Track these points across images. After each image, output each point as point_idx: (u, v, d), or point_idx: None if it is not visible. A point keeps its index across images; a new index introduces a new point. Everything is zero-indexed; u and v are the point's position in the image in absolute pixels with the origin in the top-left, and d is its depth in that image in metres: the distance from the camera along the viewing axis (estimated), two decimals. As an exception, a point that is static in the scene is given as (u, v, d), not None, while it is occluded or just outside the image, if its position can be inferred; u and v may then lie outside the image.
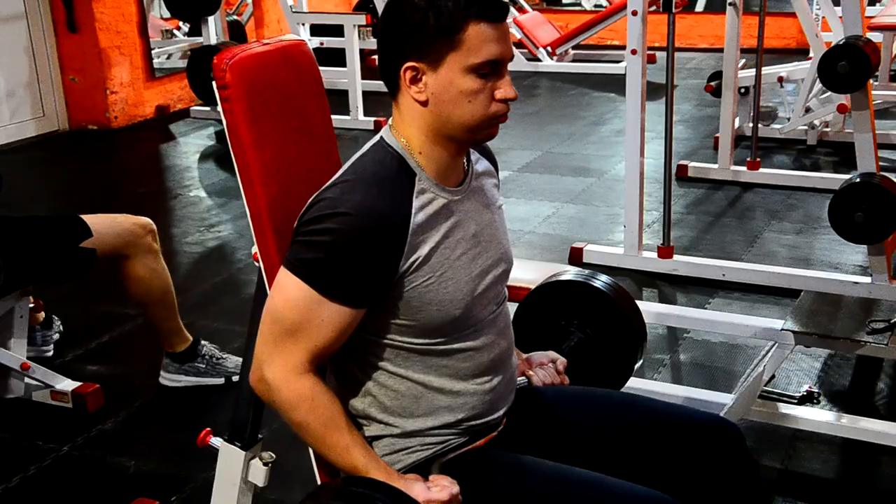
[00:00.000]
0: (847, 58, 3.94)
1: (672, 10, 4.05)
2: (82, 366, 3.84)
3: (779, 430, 3.19)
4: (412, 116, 1.84)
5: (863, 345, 3.20)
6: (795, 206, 5.38)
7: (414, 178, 1.84)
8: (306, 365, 1.81)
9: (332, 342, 1.82)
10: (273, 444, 2.35)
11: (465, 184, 1.93)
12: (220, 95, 1.94)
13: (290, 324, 1.79)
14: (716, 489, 1.97)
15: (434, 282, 1.83)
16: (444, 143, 1.85)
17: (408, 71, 1.80)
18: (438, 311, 1.85)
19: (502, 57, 1.80)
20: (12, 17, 7.03)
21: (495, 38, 1.78)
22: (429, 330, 1.87)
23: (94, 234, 3.38)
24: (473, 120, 1.81)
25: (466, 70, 1.77)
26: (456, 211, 1.88)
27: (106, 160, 6.91)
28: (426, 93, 1.80)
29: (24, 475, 3.17)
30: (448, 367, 1.91)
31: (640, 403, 2.10)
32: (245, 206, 1.98)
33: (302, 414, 1.82)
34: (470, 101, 1.79)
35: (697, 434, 2.00)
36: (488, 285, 1.94)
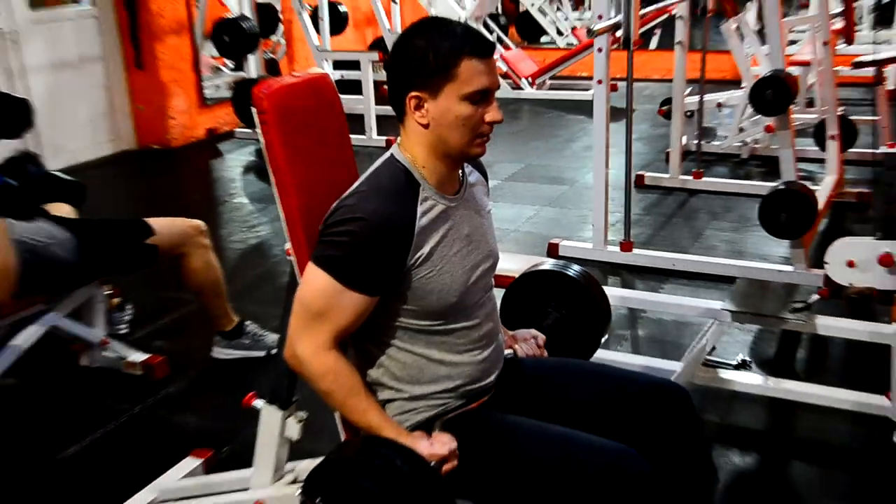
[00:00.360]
0: (772, 87, 3.95)
1: (630, 48, 4.05)
2: (150, 341, 3.84)
3: (718, 391, 3.20)
4: (416, 137, 1.85)
5: (786, 321, 3.21)
6: (732, 209, 5.38)
7: (419, 188, 1.85)
8: (330, 343, 1.82)
9: (352, 324, 1.83)
10: (305, 405, 2.35)
11: (460, 193, 1.94)
12: (258, 119, 1.95)
13: (316, 309, 1.80)
14: (668, 440, 1.97)
15: (434, 274, 1.84)
16: (442, 159, 1.87)
17: (412, 99, 1.81)
18: (438, 298, 1.86)
19: (490, 87, 1.81)
20: (92, 58, 7.05)
21: (485, 71, 1.79)
22: (430, 313, 1.88)
23: (156, 234, 3.40)
24: (465, 139, 1.83)
25: (461, 98, 1.78)
26: (452, 215, 1.89)
27: (166, 173, 6.91)
28: (428, 117, 1.81)
29: (105, 430, 3.20)
30: (446, 342, 1.92)
31: (606, 371, 2.11)
32: (280, 210, 1.99)
33: (327, 383, 1.83)
34: (464, 124, 1.80)
35: (653, 395, 2.01)
36: (478, 277, 1.95)
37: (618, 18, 4.05)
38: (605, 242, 4.53)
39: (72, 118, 6.90)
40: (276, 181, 1.97)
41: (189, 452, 2.87)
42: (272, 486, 2.31)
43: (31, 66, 6.50)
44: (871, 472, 2.83)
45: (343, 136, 2.20)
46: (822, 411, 3.06)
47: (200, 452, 2.87)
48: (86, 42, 6.99)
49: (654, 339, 3.78)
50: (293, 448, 2.35)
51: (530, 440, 1.85)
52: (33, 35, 6.53)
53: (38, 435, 3.20)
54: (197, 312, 3.95)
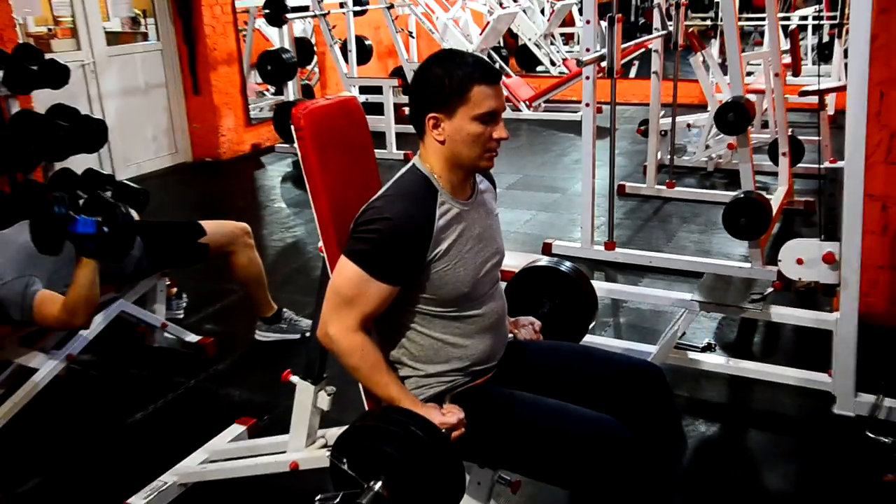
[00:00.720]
0: (734, 111, 3.94)
1: (613, 77, 4.04)
2: (201, 325, 3.84)
3: (688, 370, 3.19)
4: (433, 151, 1.85)
5: (745, 310, 3.20)
6: (699, 214, 5.34)
7: (437, 194, 1.84)
8: (358, 325, 1.81)
9: (376, 309, 1.82)
10: (335, 381, 2.35)
11: (472, 198, 1.94)
12: (296, 135, 1.95)
13: (347, 296, 1.80)
14: (645, 411, 1.96)
15: (450, 268, 1.84)
16: (456, 170, 1.87)
17: (430, 119, 1.82)
18: (453, 288, 1.85)
19: (497, 109, 1.81)
20: (157, 85, 7.07)
21: (493, 95, 1.80)
22: (445, 301, 1.87)
23: (207, 234, 3.40)
24: (476, 153, 1.83)
25: (472, 118, 1.79)
26: (466, 217, 1.89)
27: (217, 182, 6.91)
28: (444, 135, 1.82)
29: (165, 399, 3.21)
30: (459, 328, 1.91)
31: (593, 353, 2.09)
32: (314, 212, 1.98)
33: (355, 360, 1.82)
34: (474, 140, 1.80)
35: (632, 374, 2.00)
36: (487, 270, 1.94)
37: (603, 51, 4.04)
38: (591, 242, 4.50)
39: (139, 135, 6.91)
40: (311, 188, 1.96)
41: (235, 420, 2.87)
42: (305, 450, 2.31)
43: (107, 92, 6.52)
44: (814, 437, 2.82)
45: (368, 149, 2.19)
46: (774, 386, 3.06)
47: (245, 420, 2.86)
48: (152, 72, 7.00)
49: (633, 325, 3.76)
50: (324, 417, 2.35)
51: (528, 411, 1.84)
52: (109, 66, 6.55)
53: (109, 404, 3.21)
54: (241, 301, 3.96)
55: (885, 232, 3.48)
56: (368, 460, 1.72)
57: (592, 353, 2.08)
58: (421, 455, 1.69)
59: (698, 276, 3.79)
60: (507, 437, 1.82)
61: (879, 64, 3.26)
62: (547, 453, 1.78)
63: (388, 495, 1.69)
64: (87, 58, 6.34)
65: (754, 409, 3.04)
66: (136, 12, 7.05)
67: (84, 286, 2.74)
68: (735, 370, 3.13)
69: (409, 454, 1.69)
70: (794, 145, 5.36)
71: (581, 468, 1.75)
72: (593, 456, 1.74)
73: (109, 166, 6.46)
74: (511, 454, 1.84)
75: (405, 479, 1.69)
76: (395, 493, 1.70)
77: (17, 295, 2.79)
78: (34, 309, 2.79)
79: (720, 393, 3.14)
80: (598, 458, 1.73)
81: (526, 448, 1.80)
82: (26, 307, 2.79)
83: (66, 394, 3.22)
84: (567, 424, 1.79)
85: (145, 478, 2.57)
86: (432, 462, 1.69)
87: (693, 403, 3.05)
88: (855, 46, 2.62)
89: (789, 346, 3.53)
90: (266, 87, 8.49)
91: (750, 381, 3.11)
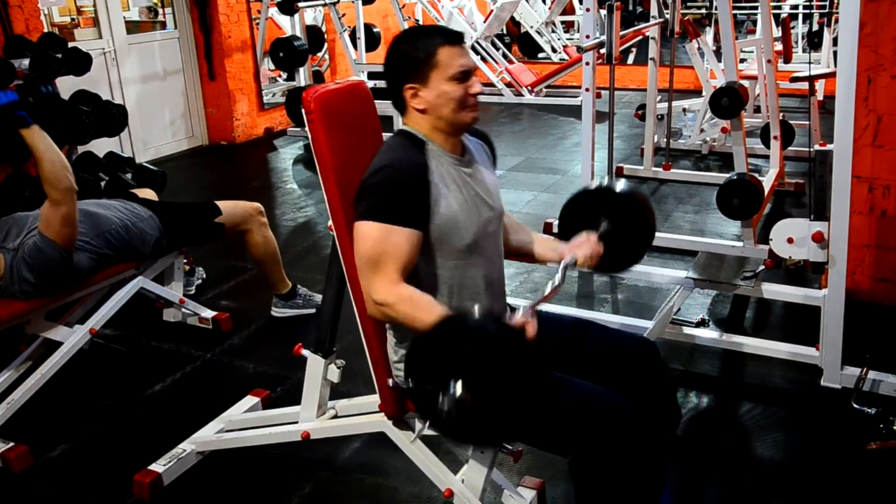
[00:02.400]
0: (728, 96, 3.90)
1: (612, 63, 4.00)
2: (218, 301, 3.85)
3: (682, 344, 3.19)
4: (416, 121, 1.89)
5: (737, 287, 3.19)
6: (694, 195, 5.32)
7: (424, 145, 1.87)
8: (398, 278, 1.78)
9: (408, 259, 1.79)
10: (344, 354, 2.35)
11: (465, 155, 1.94)
12: (307, 118, 1.94)
13: (376, 255, 1.78)
14: (642, 383, 1.97)
15: (451, 215, 1.84)
16: (441, 133, 1.89)
17: (408, 90, 1.85)
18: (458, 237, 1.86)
19: (468, 66, 1.84)
20: (174, 71, 7.04)
21: (460, 54, 1.83)
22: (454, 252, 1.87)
23: (223, 214, 3.39)
24: (459, 113, 1.85)
25: (447, 79, 1.81)
26: (460, 171, 1.90)
27: (232, 165, 6.90)
28: (424, 102, 1.84)
29: (184, 371, 3.22)
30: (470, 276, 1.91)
31: (592, 327, 2.08)
32: (324, 193, 1.97)
33: (407, 309, 1.77)
34: (454, 99, 1.83)
35: (629, 349, 2.00)
36: (488, 224, 1.94)
37: (602, 38, 4.01)
38: (589, 222, 4.48)
39: (157, 120, 6.90)
40: (321, 169, 1.95)
41: (249, 392, 2.88)
42: (316, 420, 2.32)
43: (127, 78, 6.50)
44: (803, 408, 2.83)
45: (376, 132, 2.18)
46: (764, 360, 3.06)
47: (259, 392, 2.88)
48: (169, 59, 6.98)
49: (630, 301, 3.75)
50: (333, 389, 2.35)
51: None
52: (129, 54, 6.53)
53: (130, 376, 3.22)
54: (255, 278, 3.96)
55: (872, 212, 3.47)
56: (444, 367, 1.54)
57: (592, 328, 2.07)
58: (499, 350, 1.54)
59: (693, 254, 3.78)
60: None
61: (867, 51, 3.24)
62: (548, 423, 1.77)
63: (470, 400, 1.51)
64: (108, 46, 6.32)
65: (746, 381, 3.04)
66: (154, 2, 7.02)
67: (45, 150, 2.72)
68: (728, 344, 3.13)
69: (487, 350, 1.54)
70: (785, 129, 5.33)
71: (580, 438, 1.75)
72: (592, 426, 1.74)
73: (129, 149, 6.46)
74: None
75: (485, 379, 1.51)
76: (476, 396, 1.51)
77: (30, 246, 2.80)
78: (40, 229, 2.79)
79: (713, 366, 3.13)
80: (597, 429, 1.73)
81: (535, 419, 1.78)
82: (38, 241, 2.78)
83: (89, 366, 3.23)
84: (569, 396, 1.79)
85: (165, 446, 2.58)
86: (512, 357, 1.54)
87: (687, 376, 3.05)
88: (844, 34, 2.59)
89: (779, 322, 3.52)
90: (278, 73, 8.46)
91: (742, 354, 3.11)
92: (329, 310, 2.25)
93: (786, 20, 6.93)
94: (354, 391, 2.48)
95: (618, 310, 3.66)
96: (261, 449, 2.55)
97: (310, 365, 2.29)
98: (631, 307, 3.67)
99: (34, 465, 2.64)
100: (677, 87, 5.84)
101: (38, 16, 5.13)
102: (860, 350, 2.86)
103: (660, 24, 5.23)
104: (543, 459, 2.42)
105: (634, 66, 9.61)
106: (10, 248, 2.84)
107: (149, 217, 3.24)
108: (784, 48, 6.26)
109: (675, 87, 5.75)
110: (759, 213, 4.01)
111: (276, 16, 8.07)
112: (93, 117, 4.25)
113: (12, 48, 4.40)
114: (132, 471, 2.49)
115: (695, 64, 5.94)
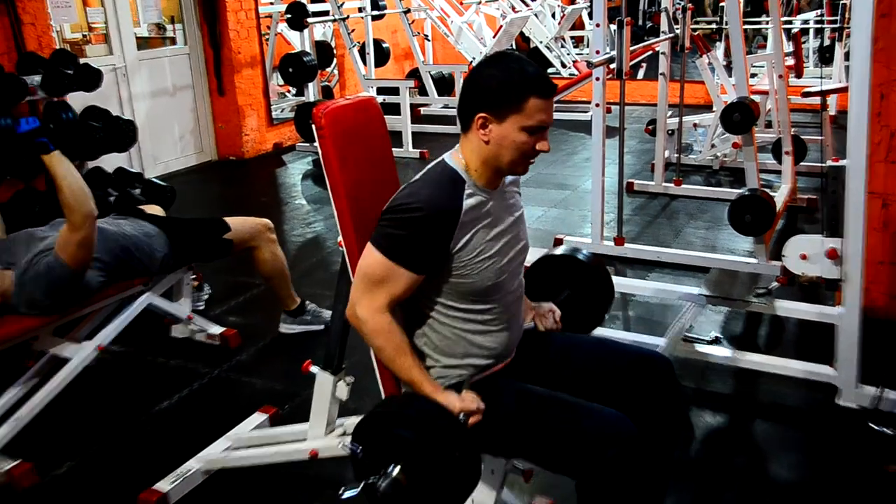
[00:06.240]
0: (739, 111, 3.91)
1: (622, 78, 4.01)
2: (226, 317, 3.84)
3: (695, 362, 3.16)
4: (474, 148, 1.82)
5: (750, 304, 3.17)
6: (705, 211, 5.31)
7: (464, 184, 1.82)
8: (385, 307, 1.79)
9: (402, 295, 1.80)
10: (353, 371, 2.34)
11: (498, 189, 1.90)
12: (317, 134, 1.93)
13: (374, 279, 1.78)
14: (654, 401, 1.94)
15: (476, 256, 1.81)
16: (491, 169, 1.83)
17: (479, 119, 1.78)
18: (478, 280, 1.83)
19: (547, 122, 1.78)
20: (184, 87, 7.08)
21: (545, 109, 1.76)
22: (469, 294, 1.85)
23: (231, 230, 3.39)
24: (517, 161, 1.80)
25: (521, 128, 1.75)
26: (492, 208, 1.86)
27: (241, 180, 6.92)
28: (489, 136, 1.78)
29: (191, 388, 3.22)
30: (481, 322, 1.88)
31: (604, 343, 2.07)
32: (333, 209, 1.96)
33: (381, 340, 1.81)
34: (518, 148, 1.78)
35: (642, 365, 1.97)
36: (512, 262, 1.91)
37: (612, 54, 4.01)
38: (601, 238, 4.48)
39: (167, 135, 6.93)
40: (331, 185, 1.95)
41: (257, 409, 2.87)
42: (325, 438, 2.31)
43: (137, 94, 6.54)
44: (819, 428, 2.79)
45: (386, 148, 2.18)
46: (779, 378, 3.03)
47: (266, 409, 2.86)
48: (179, 74, 7.02)
49: (641, 318, 3.73)
50: (342, 407, 2.33)
51: (541, 404, 1.82)
52: (139, 69, 6.57)
53: (137, 392, 3.21)
54: (263, 294, 3.96)
55: (886, 228, 3.45)
56: (387, 446, 1.70)
57: (604, 344, 2.06)
58: (438, 440, 1.66)
59: (705, 270, 3.76)
60: (520, 428, 1.80)
61: (880, 66, 3.23)
62: (557, 446, 1.76)
63: (406, 481, 1.66)
64: (118, 62, 6.36)
65: (760, 400, 3.01)
66: (164, 19, 7.07)
67: (65, 176, 2.72)
68: (741, 362, 3.10)
69: (427, 439, 1.66)
70: (798, 144, 5.31)
71: (586, 463, 1.73)
72: (600, 450, 1.71)
73: (139, 165, 6.48)
74: (523, 445, 1.82)
75: (422, 464, 1.66)
76: (412, 479, 1.67)
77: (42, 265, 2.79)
78: (56, 251, 2.78)
79: (726, 384, 3.11)
80: (604, 452, 1.71)
81: (537, 440, 1.78)
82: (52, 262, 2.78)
83: (96, 382, 3.22)
84: (577, 419, 1.77)
85: (171, 464, 2.57)
86: (449, 448, 1.67)
87: (700, 395, 3.02)
88: (857, 49, 2.58)
89: (793, 339, 3.49)
90: (287, 89, 8.51)
91: (755, 373, 3.08)
92: (338, 326, 2.24)
93: (797, 35, 6.93)
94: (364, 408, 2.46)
95: (629, 327, 3.64)
96: (268, 468, 2.53)
97: (318, 382, 2.28)
98: (642, 324, 3.65)
99: (40, 483, 2.63)
100: (688, 102, 5.85)
101: (50, 32, 5.18)
102: (876, 368, 2.83)
103: (670, 40, 5.24)
104: (554, 479, 2.39)
105: (645, 81, 9.61)
106: (20, 265, 2.84)
107: (157, 234, 3.24)
108: (795, 63, 6.24)
109: (686, 102, 5.75)
110: (772, 229, 4.00)
111: (285, 31, 8.13)
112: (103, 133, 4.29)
113: (25, 65, 4.44)
114: (138, 489, 2.48)
115: (705, 79, 5.95)
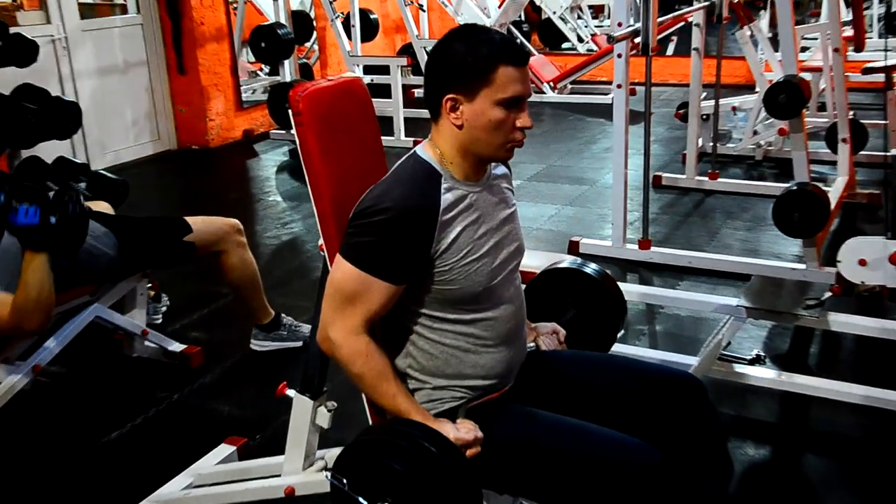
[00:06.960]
0: (786, 92, 3.91)
1: (649, 54, 4.02)
2: (187, 332, 3.85)
3: (733, 385, 3.16)
4: (448, 136, 1.84)
5: (799, 318, 3.18)
6: (746, 209, 5.33)
7: (440, 178, 1.83)
8: (361, 327, 1.81)
9: (380, 310, 1.81)
10: (335, 395, 2.34)
11: (483, 180, 1.91)
12: (294, 121, 1.94)
13: (347, 295, 1.79)
14: (684, 430, 1.95)
15: (461, 259, 1.82)
16: (470, 158, 1.85)
17: (448, 101, 1.79)
18: (466, 285, 1.84)
19: (524, 94, 1.79)
20: (137, 63, 7.10)
21: (520, 78, 1.78)
22: (457, 302, 1.86)
23: (193, 231, 3.40)
24: (497, 142, 1.81)
25: (495, 103, 1.77)
26: (477, 203, 1.87)
27: (205, 173, 6.93)
28: (462, 119, 1.80)
29: (146, 416, 3.21)
30: (474, 335, 1.89)
31: (625, 364, 2.08)
32: (313, 207, 1.97)
33: (359, 366, 1.82)
34: (496, 127, 1.79)
35: (669, 386, 1.98)
36: (504, 264, 1.92)
37: (636, 26, 4.03)
38: (623, 240, 4.49)
39: (117, 120, 6.96)
40: (311, 179, 1.96)
41: (224, 439, 2.87)
42: (303, 473, 2.30)
43: (80, 71, 6.56)
44: (881, 465, 2.79)
45: (374, 137, 2.19)
46: (833, 405, 3.03)
47: (234, 440, 2.87)
48: (131, 48, 7.04)
49: (670, 334, 3.74)
50: (323, 436, 2.33)
51: (548, 431, 1.83)
52: (83, 42, 6.59)
53: (82, 420, 3.21)
54: (232, 305, 3.96)
55: (959, 229, 3.45)
56: (374, 480, 1.71)
57: (622, 364, 2.07)
58: (433, 473, 1.67)
59: (745, 278, 3.77)
60: (526, 460, 1.81)
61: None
62: (568, 481, 1.76)
63: None
64: (57, 32, 6.36)
65: (810, 430, 3.02)
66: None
67: (33, 285, 2.73)
68: (788, 385, 3.10)
69: (420, 471, 1.67)
70: (856, 130, 5.33)
71: (606, 498, 1.74)
72: (616, 485, 1.72)
73: (84, 154, 6.50)
74: (529, 479, 1.82)
75: (414, 500, 1.67)
76: None
77: None
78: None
79: (771, 411, 3.12)
80: (620, 488, 1.71)
81: (546, 474, 1.79)
82: None
83: (31, 410, 3.22)
84: (593, 448, 1.78)
85: (123, 504, 2.57)
86: (445, 481, 1.67)
87: (740, 423, 3.03)
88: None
89: (850, 359, 3.51)
90: (259, 67, 8.52)
91: (805, 398, 3.09)
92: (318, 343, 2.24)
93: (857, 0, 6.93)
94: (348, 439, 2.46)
95: (656, 344, 3.65)
96: (236, 508, 2.53)
97: (295, 407, 2.28)
98: (671, 341, 3.66)
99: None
100: (725, 81, 5.86)
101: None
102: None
103: (705, 8, 5.25)
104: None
105: (675, 57, 9.65)
106: None
107: (103, 234, 3.24)
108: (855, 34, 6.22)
109: (723, 82, 5.76)
110: (825, 230, 4.01)
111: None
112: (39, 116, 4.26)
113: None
114: (85, 534, 2.48)
115: (746, 54, 5.94)
